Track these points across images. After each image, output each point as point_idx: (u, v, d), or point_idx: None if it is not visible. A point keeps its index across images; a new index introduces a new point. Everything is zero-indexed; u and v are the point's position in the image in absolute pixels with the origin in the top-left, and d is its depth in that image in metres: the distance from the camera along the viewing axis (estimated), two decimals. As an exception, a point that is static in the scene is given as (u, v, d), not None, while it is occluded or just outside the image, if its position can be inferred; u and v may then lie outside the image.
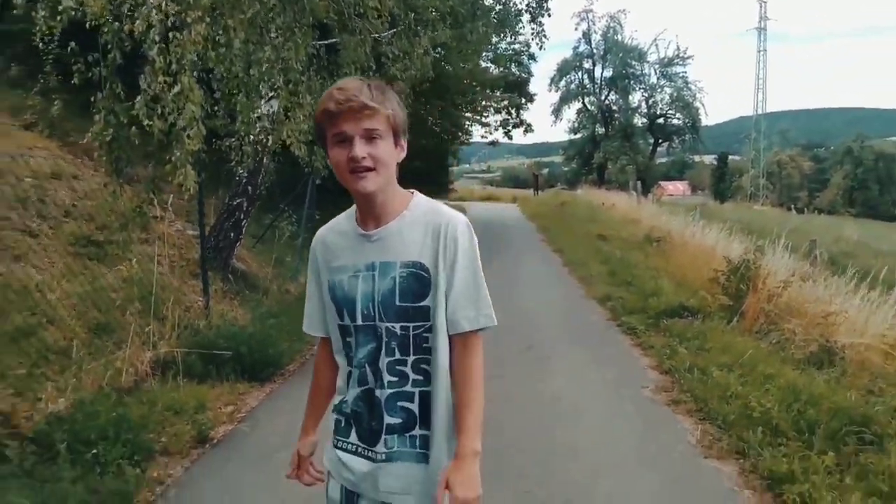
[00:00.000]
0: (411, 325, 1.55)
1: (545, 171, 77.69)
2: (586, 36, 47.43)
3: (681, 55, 46.07)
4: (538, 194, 38.77)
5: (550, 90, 48.22)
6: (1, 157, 6.44)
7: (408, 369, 1.56)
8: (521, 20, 17.33)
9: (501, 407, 4.55)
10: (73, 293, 5.16)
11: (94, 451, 3.38)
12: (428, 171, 19.79)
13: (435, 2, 9.85)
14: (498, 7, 16.67)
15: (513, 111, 26.34)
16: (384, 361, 1.55)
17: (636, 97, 47.96)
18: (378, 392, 1.56)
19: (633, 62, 47.31)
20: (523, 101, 26.79)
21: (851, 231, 25.48)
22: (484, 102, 21.69)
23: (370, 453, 1.59)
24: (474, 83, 18.68)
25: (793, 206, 54.10)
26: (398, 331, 1.55)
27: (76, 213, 6.78)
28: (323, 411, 1.78)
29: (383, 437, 1.57)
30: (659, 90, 47.31)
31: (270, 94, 6.24)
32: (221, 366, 4.99)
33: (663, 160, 56.83)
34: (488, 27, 14.84)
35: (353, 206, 1.63)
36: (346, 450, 1.63)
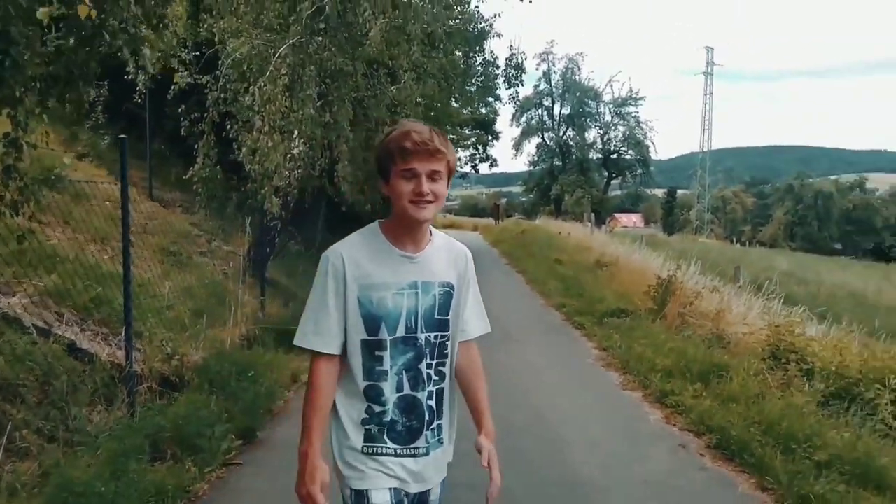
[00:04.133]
0: (440, 334, 1.81)
1: (504, 200, 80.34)
2: (546, 76, 50.42)
3: (633, 96, 49.26)
4: (499, 223, 40.71)
5: (512, 125, 50.90)
6: (81, 184, 8.24)
7: (433, 372, 1.81)
8: (497, 83, 19.64)
9: (493, 368, 6.56)
10: (176, 287, 6.99)
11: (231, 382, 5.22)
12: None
13: (432, 64, 11.93)
14: (479, 70, 19.02)
15: (480, 147, 28.77)
16: (423, 366, 1.78)
17: (591, 134, 50.85)
18: (419, 395, 1.78)
19: (590, 101, 50.29)
20: (490, 138, 29.27)
21: (781, 262, 28.73)
22: (456, 139, 23.88)
23: (410, 451, 1.78)
24: (447, 124, 20.87)
25: (736, 239, 57.64)
26: (433, 339, 1.80)
27: (151, 229, 8.58)
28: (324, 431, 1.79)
29: (424, 433, 1.79)
30: (613, 128, 50.29)
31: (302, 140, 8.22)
32: (286, 340, 6.82)
33: (617, 193, 59.56)
34: (473, 93, 17.10)
35: (370, 228, 1.84)
36: (386, 454, 1.77)
